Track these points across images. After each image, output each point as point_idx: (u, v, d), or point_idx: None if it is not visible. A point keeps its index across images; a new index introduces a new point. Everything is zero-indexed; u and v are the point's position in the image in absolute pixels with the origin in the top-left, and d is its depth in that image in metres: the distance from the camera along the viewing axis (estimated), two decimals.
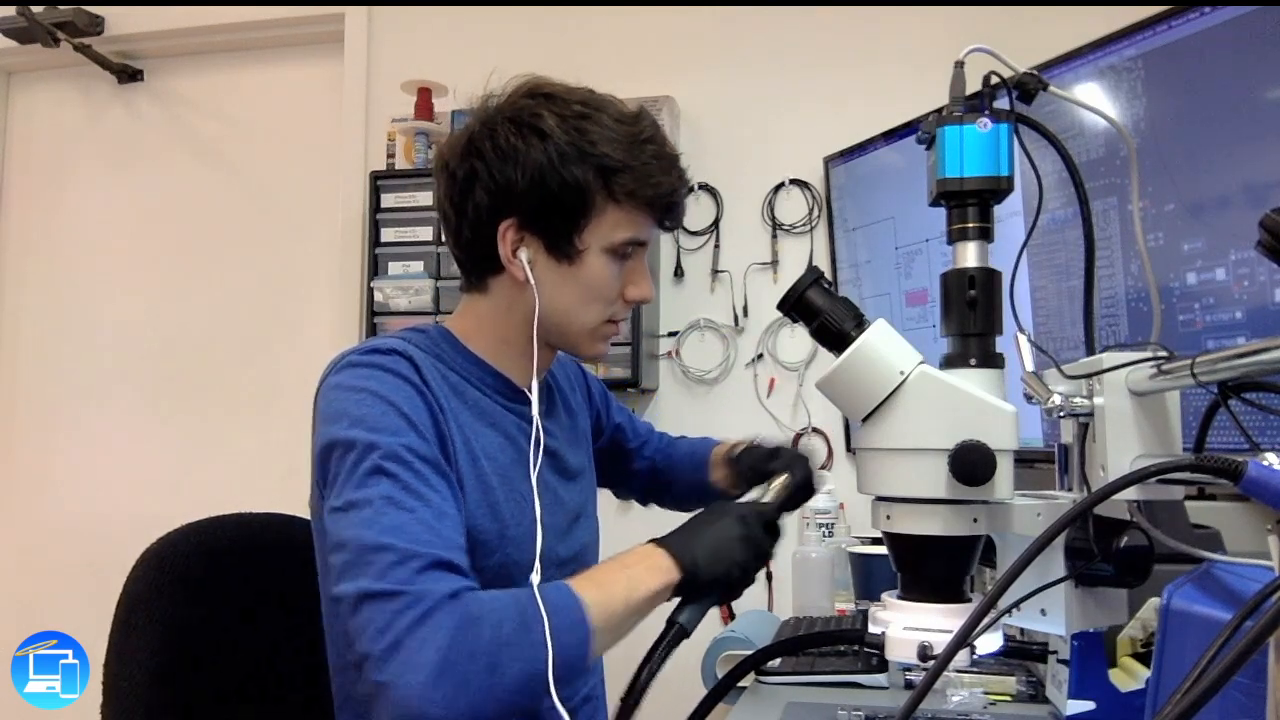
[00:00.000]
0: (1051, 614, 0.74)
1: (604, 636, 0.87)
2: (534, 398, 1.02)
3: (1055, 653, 1.03)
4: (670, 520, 0.99)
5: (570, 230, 0.97)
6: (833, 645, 1.29)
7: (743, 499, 1.04)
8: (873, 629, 0.77)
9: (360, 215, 2.45)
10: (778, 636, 1.46)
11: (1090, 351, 0.80)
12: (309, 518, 1.02)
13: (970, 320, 0.75)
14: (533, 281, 0.98)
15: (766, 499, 1.01)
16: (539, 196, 0.96)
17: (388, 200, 2.33)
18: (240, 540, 1.15)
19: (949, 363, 0.76)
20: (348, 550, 0.83)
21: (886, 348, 0.75)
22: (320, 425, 0.93)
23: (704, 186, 2.29)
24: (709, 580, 0.90)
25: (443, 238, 1.08)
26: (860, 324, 0.79)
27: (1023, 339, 0.76)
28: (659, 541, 0.92)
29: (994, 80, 0.78)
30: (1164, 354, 0.69)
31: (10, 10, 2.50)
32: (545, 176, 0.95)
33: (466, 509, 0.94)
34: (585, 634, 0.84)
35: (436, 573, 0.81)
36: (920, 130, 0.78)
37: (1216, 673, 0.43)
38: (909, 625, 0.73)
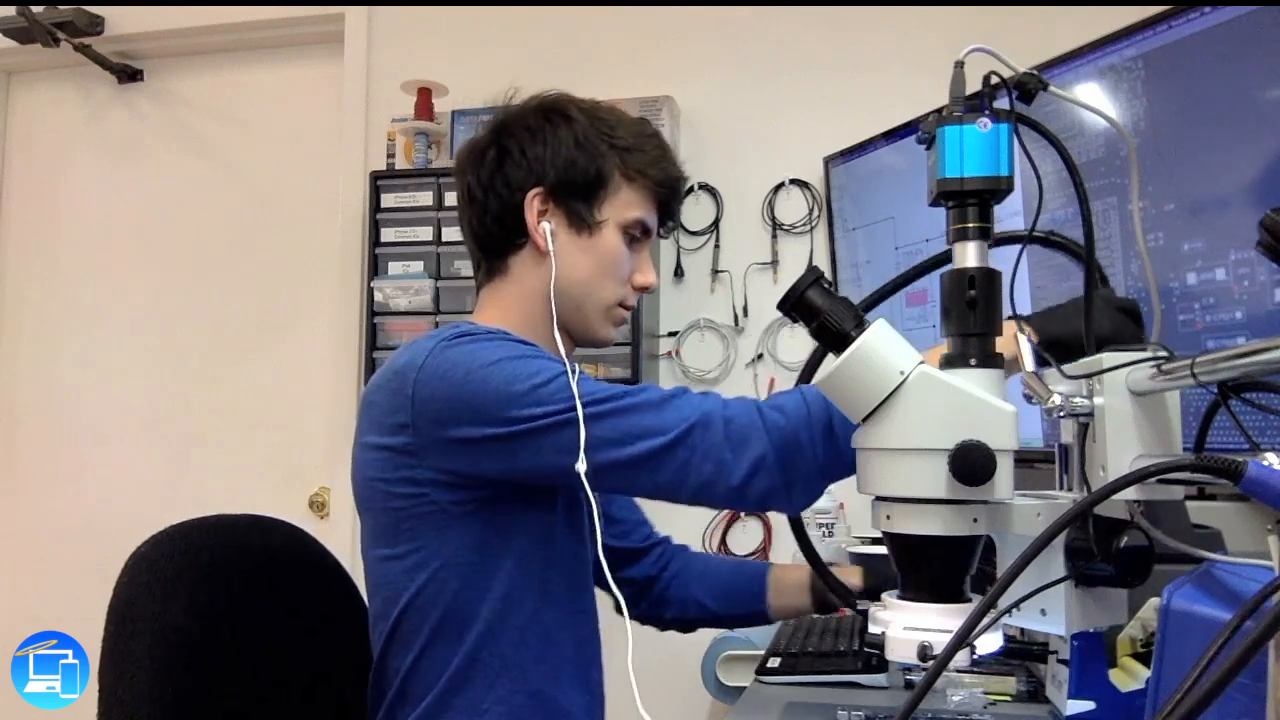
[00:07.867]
0: (1051, 614, 0.74)
1: None
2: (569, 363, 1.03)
3: (1055, 653, 1.03)
4: None
5: (590, 201, 1.08)
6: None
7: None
8: (873, 629, 0.77)
9: (360, 215, 2.45)
10: (778, 637, 1.45)
11: (1090, 351, 0.80)
12: (294, 519, 1.03)
13: (970, 320, 0.75)
14: (552, 251, 1.07)
15: None
16: (564, 169, 1.07)
17: (388, 200, 2.33)
18: (224, 541, 1.15)
19: (949, 363, 0.76)
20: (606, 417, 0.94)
21: (886, 348, 0.75)
22: (446, 384, 0.97)
23: (704, 186, 2.29)
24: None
25: (462, 227, 1.14)
26: (860, 324, 0.79)
27: (1023, 339, 0.76)
28: None
29: (994, 80, 0.77)
30: (1164, 354, 0.69)
31: (10, 10, 2.50)
32: (570, 151, 1.07)
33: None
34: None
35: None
36: (920, 130, 0.78)
37: (1217, 674, 0.43)
38: (909, 625, 0.73)
